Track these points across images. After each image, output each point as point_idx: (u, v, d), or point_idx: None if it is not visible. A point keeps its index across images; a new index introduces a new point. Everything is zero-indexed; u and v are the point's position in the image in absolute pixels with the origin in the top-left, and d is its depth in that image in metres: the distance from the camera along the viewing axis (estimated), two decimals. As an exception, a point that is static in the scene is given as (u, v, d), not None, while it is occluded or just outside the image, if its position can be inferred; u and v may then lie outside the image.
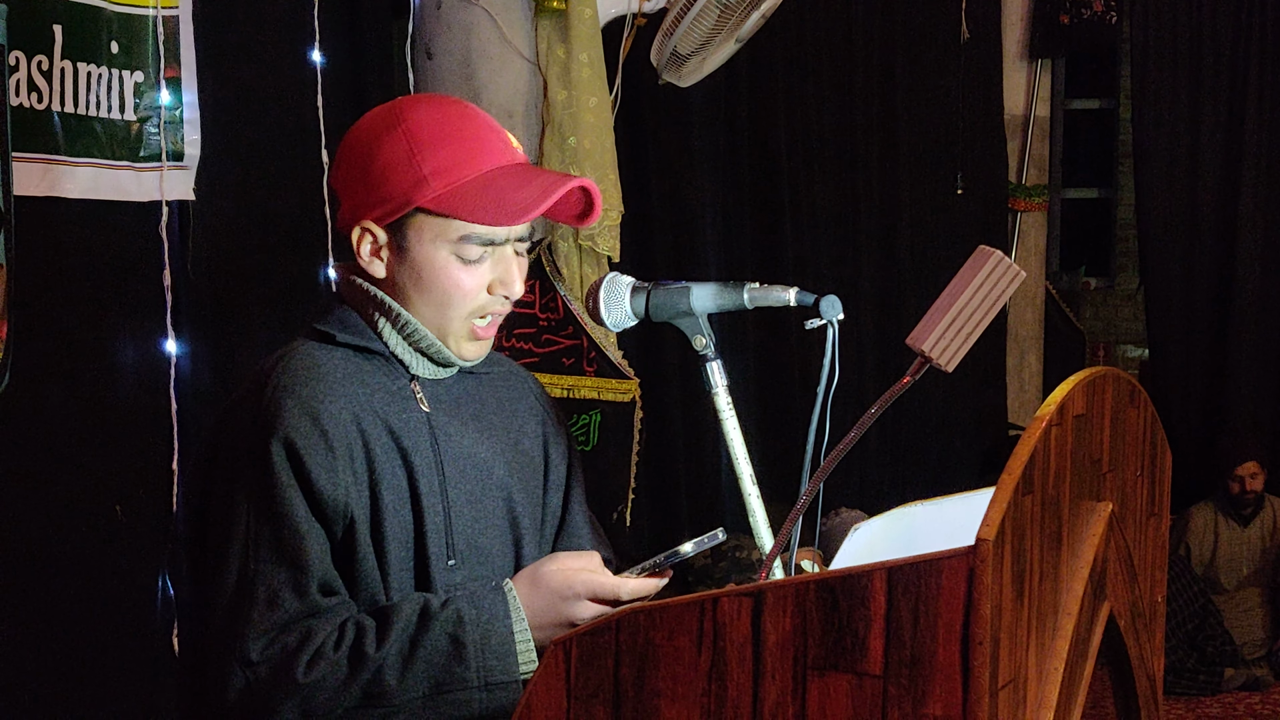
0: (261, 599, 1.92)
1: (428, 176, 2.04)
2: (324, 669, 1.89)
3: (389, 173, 2.05)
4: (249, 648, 1.90)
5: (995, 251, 1.86)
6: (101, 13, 3.39)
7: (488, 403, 2.23)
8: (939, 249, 7.33)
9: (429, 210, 2.05)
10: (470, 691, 1.94)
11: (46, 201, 3.28)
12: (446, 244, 2.07)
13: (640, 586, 2.00)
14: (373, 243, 2.10)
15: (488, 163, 2.08)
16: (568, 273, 4.67)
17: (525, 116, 4.61)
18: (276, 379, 2.03)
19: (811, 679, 1.48)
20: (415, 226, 2.07)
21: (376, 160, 2.07)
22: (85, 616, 3.43)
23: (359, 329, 2.12)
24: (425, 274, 2.08)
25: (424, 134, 2.06)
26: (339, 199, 2.15)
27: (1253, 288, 7.99)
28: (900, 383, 1.88)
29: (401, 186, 2.05)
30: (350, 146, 2.13)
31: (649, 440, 5.04)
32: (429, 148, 2.05)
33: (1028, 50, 8.37)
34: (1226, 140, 8.02)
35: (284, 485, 1.95)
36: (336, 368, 2.07)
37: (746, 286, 2.16)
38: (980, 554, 1.41)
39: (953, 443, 7.56)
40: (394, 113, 2.11)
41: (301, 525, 1.95)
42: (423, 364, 2.14)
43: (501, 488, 2.18)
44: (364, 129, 2.12)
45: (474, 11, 4.53)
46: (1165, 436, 2.59)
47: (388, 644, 1.91)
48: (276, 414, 1.98)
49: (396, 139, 2.06)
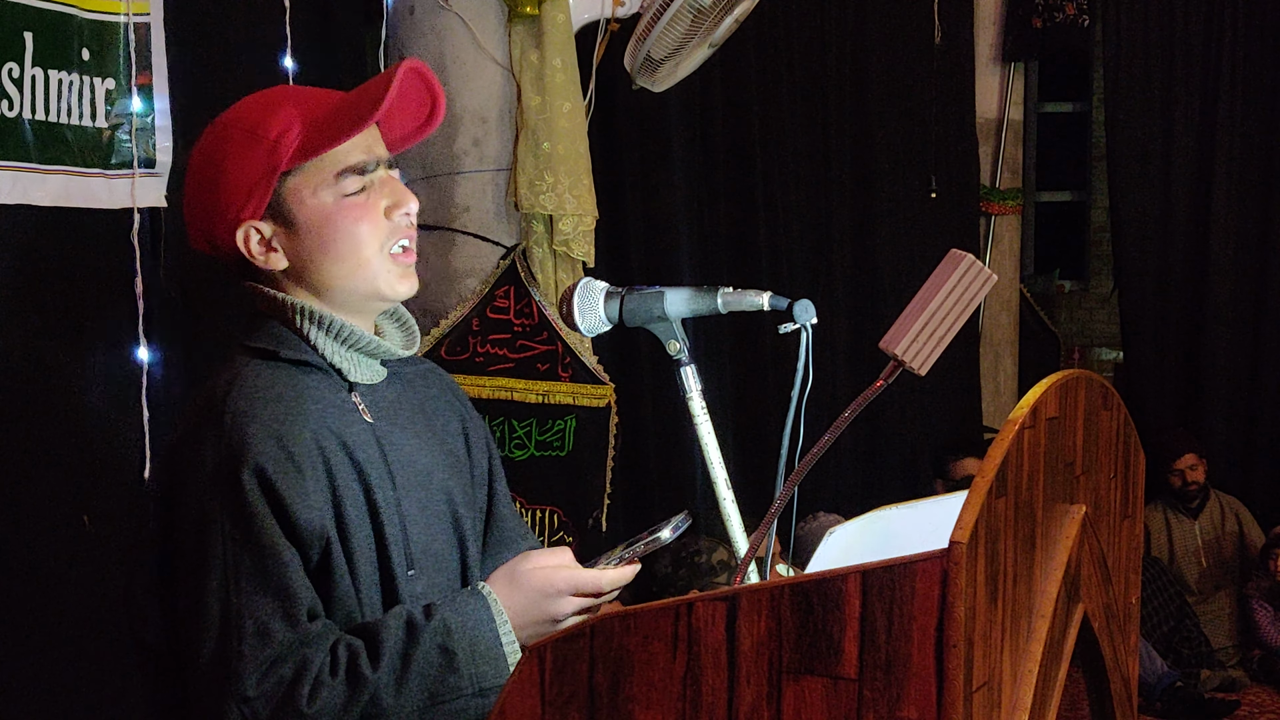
0: (250, 631, 1.88)
1: (275, 140, 2.04)
2: (326, 697, 1.87)
3: (242, 161, 2.05)
4: (244, 684, 1.86)
5: (967, 255, 1.87)
6: (72, 20, 3.37)
7: (415, 404, 2.22)
8: (913, 253, 7.34)
9: (294, 168, 2.05)
10: (465, 699, 1.94)
11: (17, 209, 3.26)
12: (326, 189, 2.06)
13: (619, 576, 2.02)
14: (260, 237, 2.08)
15: (320, 107, 2.09)
16: (542, 278, 4.67)
17: (499, 122, 4.61)
18: (234, 404, 1.99)
19: (787, 683, 1.48)
20: (291, 192, 2.06)
21: (225, 161, 2.06)
22: (53, 626, 3.41)
23: (294, 343, 2.09)
24: (324, 230, 2.07)
25: (250, 114, 2.08)
26: (205, 229, 2.12)
27: (1226, 290, 8.02)
28: (873, 386, 1.88)
29: (258, 164, 2.04)
30: (191, 173, 2.12)
31: (622, 445, 5.03)
32: (261, 120, 2.06)
33: (1001, 53, 8.39)
34: (1199, 143, 8.05)
35: (260, 514, 1.92)
36: (288, 386, 2.04)
37: (720, 291, 2.16)
38: (954, 556, 1.41)
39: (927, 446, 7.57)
40: (215, 123, 2.12)
41: (283, 553, 1.92)
42: (360, 368, 2.13)
43: (443, 491, 2.18)
44: (197, 153, 2.12)
45: (447, 17, 4.53)
46: (1139, 439, 2.60)
47: (382, 663, 1.90)
48: (243, 442, 1.94)
49: (230, 132, 2.07)
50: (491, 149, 4.62)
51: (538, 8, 4.49)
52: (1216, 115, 7.98)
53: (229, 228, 2.07)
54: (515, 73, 4.58)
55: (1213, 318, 8.04)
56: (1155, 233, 8.16)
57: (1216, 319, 8.03)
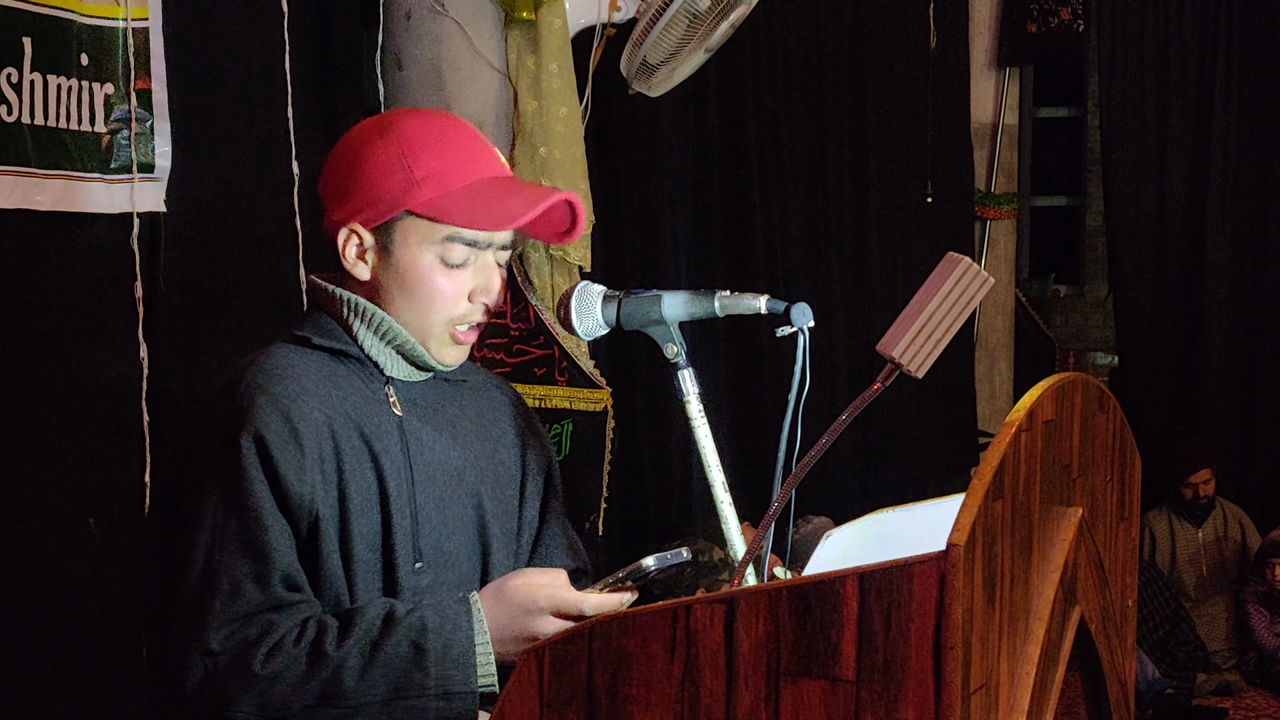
0: (224, 589, 1.94)
1: (419, 180, 2.08)
2: (282, 661, 1.91)
3: (380, 176, 2.09)
4: (210, 637, 1.91)
5: (964, 258, 1.87)
6: (71, 25, 3.38)
7: (465, 410, 2.25)
8: (908, 256, 7.36)
9: (418, 214, 2.08)
10: (427, 699, 1.94)
11: (17, 214, 3.27)
12: (432, 246, 2.09)
13: (602, 602, 2.00)
14: (358, 245, 2.12)
15: (478, 172, 2.12)
16: (539, 282, 4.67)
17: (496, 127, 4.61)
18: (250, 377, 2.05)
19: (785, 685, 1.49)
20: (402, 229, 2.10)
21: (367, 164, 2.10)
22: (58, 628, 3.42)
23: (334, 333, 2.14)
24: (409, 277, 2.11)
25: (416, 140, 2.10)
26: (325, 206, 2.17)
27: (1221, 294, 8.02)
28: (871, 389, 1.89)
29: (392, 189, 2.08)
30: (340, 153, 2.16)
31: (619, 449, 5.04)
32: (421, 153, 2.09)
33: (996, 58, 8.41)
34: (1194, 147, 8.06)
35: (251, 479, 1.97)
36: (311, 370, 2.08)
37: (717, 294, 2.17)
38: (951, 559, 1.41)
39: (922, 450, 7.58)
40: (386, 120, 2.15)
41: (266, 518, 1.97)
42: (398, 365, 2.16)
43: (471, 494, 2.19)
44: (355, 136, 2.16)
45: (444, 22, 4.53)
46: (1135, 442, 2.61)
47: (348, 644, 1.93)
48: (249, 409, 2.00)
49: (388, 143, 2.10)
50: (488, 153, 4.62)
51: (534, 13, 4.49)
52: (1211, 120, 7.99)
53: (339, 219, 2.13)
54: (512, 78, 4.58)
55: (1208, 322, 8.04)
56: (1150, 237, 8.17)
57: (1211, 323, 8.03)
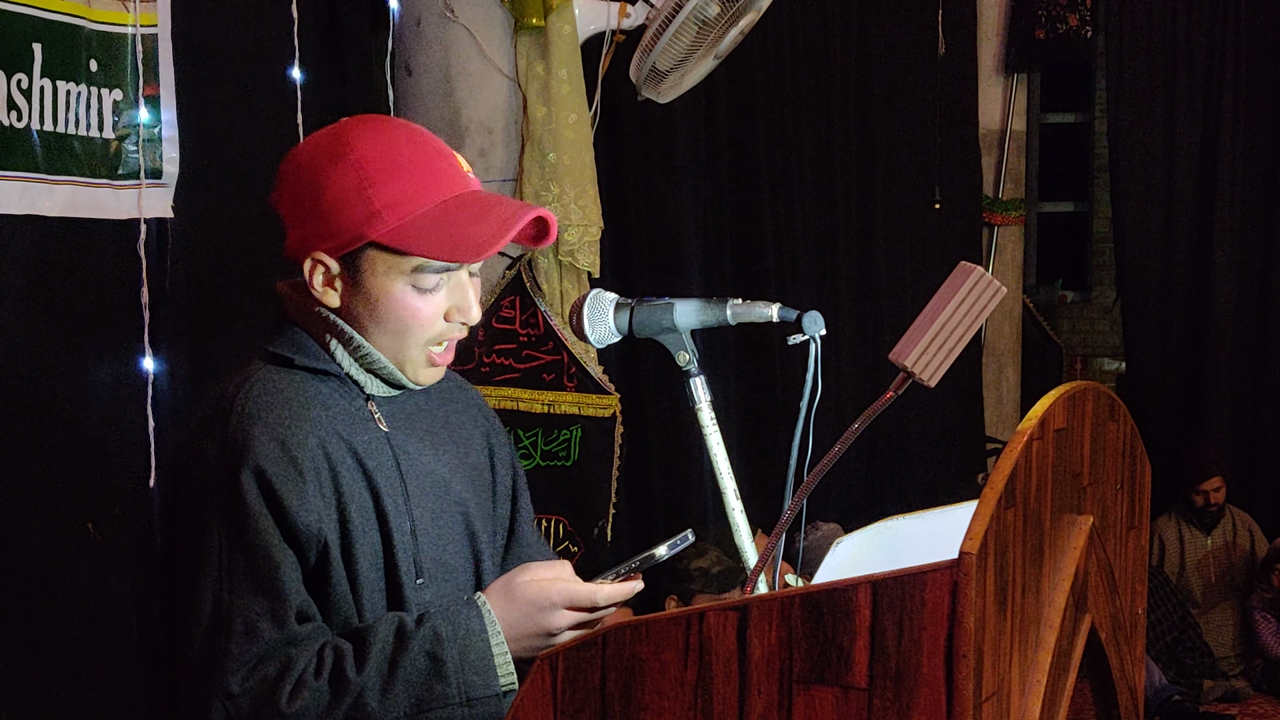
0: (239, 630, 1.91)
1: (380, 211, 2.01)
2: (307, 697, 1.89)
3: (340, 205, 2.02)
4: (229, 681, 1.88)
5: (976, 267, 1.87)
6: (81, 31, 3.38)
7: (437, 417, 2.24)
8: (916, 263, 7.35)
9: (383, 245, 2.03)
10: (452, 708, 1.93)
11: (25, 219, 3.27)
12: (401, 276, 2.05)
13: (615, 591, 2.01)
14: (325, 273, 2.07)
15: (441, 193, 2.05)
16: (548, 288, 4.67)
17: (505, 133, 4.62)
18: (240, 406, 2.01)
19: (797, 692, 1.49)
20: (369, 259, 2.04)
21: (326, 193, 2.03)
22: (58, 635, 3.41)
23: (313, 352, 2.10)
24: (381, 305, 2.06)
25: (373, 165, 2.02)
26: (285, 225, 2.11)
27: (1228, 300, 8.02)
28: (883, 397, 1.89)
29: (353, 220, 2.02)
30: (295, 173, 2.08)
31: (628, 455, 5.04)
32: (380, 180, 2.02)
33: (1004, 65, 8.41)
34: (1202, 153, 8.06)
35: (256, 515, 1.94)
36: (298, 392, 2.05)
37: (729, 303, 2.17)
38: (964, 567, 1.41)
39: (930, 456, 7.57)
40: (340, 140, 2.06)
41: (276, 554, 1.94)
42: (376, 384, 2.14)
43: (459, 503, 2.19)
44: (308, 156, 2.08)
45: (454, 28, 4.54)
46: (1145, 450, 2.61)
47: (368, 667, 1.91)
48: (245, 443, 1.96)
49: (345, 170, 2.02)
50: (497, 160, 4.63)
51: (544, 19, 4.49)
52: (1219, 126, 7.99)
53: (301, 245, 2.07)
54: (521, 84, 4.58)
55: (1215, 328, 8.04)
56: (1157, 243, 8.17)
57: (1219, 329, 8.03)
